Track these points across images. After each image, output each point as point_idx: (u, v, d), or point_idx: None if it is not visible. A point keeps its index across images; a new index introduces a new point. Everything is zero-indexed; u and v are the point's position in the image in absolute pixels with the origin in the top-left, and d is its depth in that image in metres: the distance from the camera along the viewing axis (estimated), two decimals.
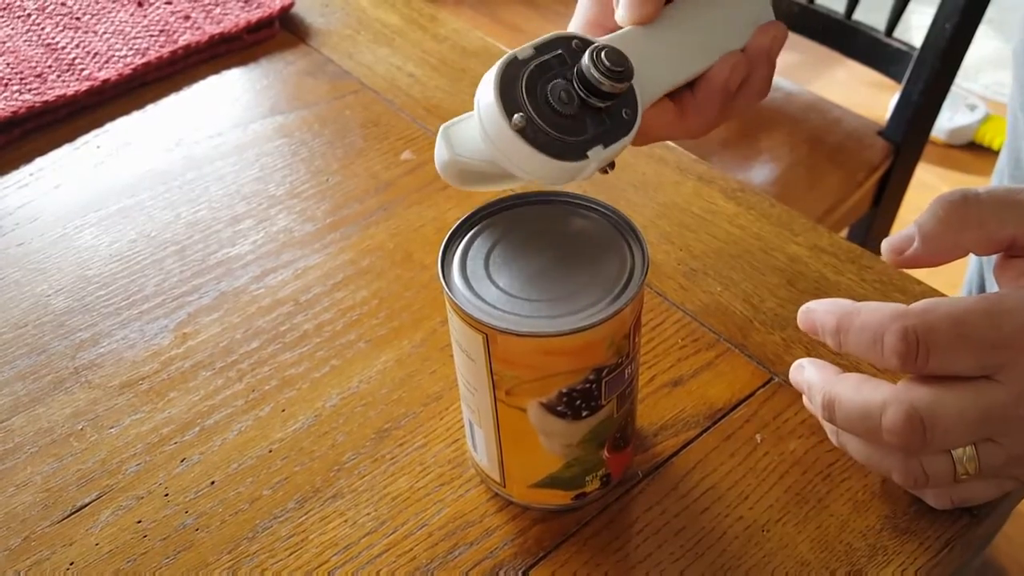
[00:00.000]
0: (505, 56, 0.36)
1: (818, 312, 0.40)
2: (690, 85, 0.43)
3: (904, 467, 0.39)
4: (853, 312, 0.39)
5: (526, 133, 0.35)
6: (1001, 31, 2.11)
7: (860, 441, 0.41)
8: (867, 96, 1.87)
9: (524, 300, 0.37)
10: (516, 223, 0.41)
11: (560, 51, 0.37)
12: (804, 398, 0.43)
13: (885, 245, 0.42)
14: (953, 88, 1.16)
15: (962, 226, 0.40)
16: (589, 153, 0.37)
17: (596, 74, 0.36)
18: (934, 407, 0.37)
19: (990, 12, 1.04)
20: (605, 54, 0.36)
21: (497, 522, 0.43)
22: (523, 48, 0.37)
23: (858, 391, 0.39)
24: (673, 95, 0.42)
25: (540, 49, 0.37)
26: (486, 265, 0.39)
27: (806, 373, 0.42)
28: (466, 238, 0.40)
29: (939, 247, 0.40)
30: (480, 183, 0.41)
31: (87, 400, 0.49)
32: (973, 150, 1.92)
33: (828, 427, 0.43)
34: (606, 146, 0.37)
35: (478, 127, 0.36)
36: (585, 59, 0.36)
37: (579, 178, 0.37)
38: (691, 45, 0.42)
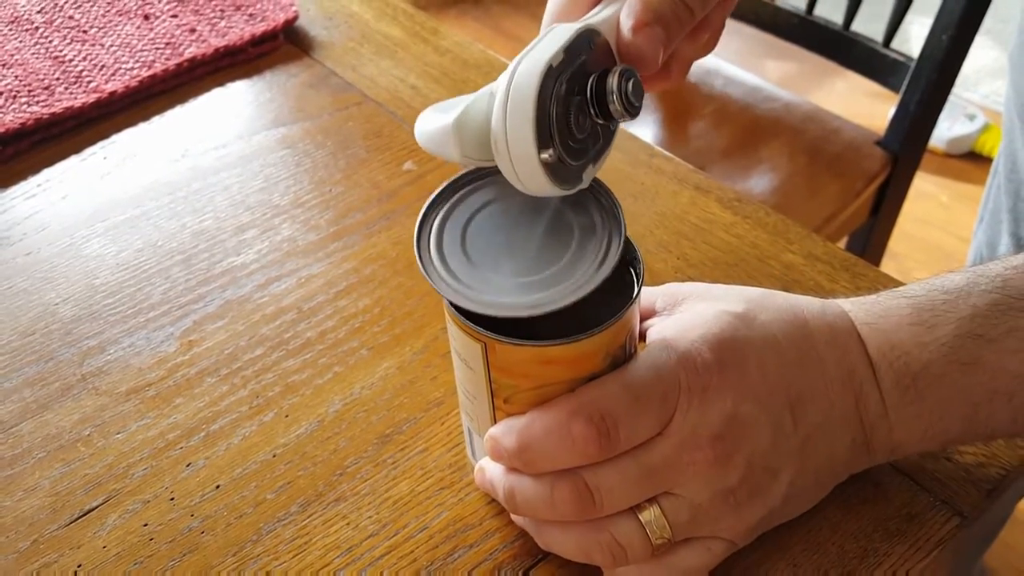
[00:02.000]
0: (542, 66, 0.34)
1: (494, 449, 0.39)
2: None
3: (597, 540, 0.38)
4: (526, 424, 0.38)
5: (550, 167, 0.35)
6: (999, 41, 2.12)
7: (555, 528, 0.40)
8: (866, 106, 1.88)
9: (523, 310, 0.38)
10: (516, 224, 0.41)
11: (584, 56, 0.36)
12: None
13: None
14: (952, 98, 1.17)
15: None
16: (583, 175, 0.37)
17: (618, 106, 0.35)
18: (599, 474, 0.37)
19: (989, 23, 1.05)
20: (632, 86, 0.35)
21: (497, 525, 0.44)
22: (555, 53, 0.34)
23: (528, 481, 0.39)
24: None
25: (569, 53, 0.35)
26: (486, 276, 0.40)
27: (487, 473, 0.41)
28: (462, 248, 0.41)
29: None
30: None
31: (94, 406, 0.50)
32: (972, 159, 1.93)
33: (530, 526, 0.42)
34: (595, 164, 0.38)
35: (501, 141, 0.35)
36: (612, 84, 0.35)
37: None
38: None
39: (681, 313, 0.41)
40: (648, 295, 0.44)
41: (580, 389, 0.38)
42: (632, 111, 0.36)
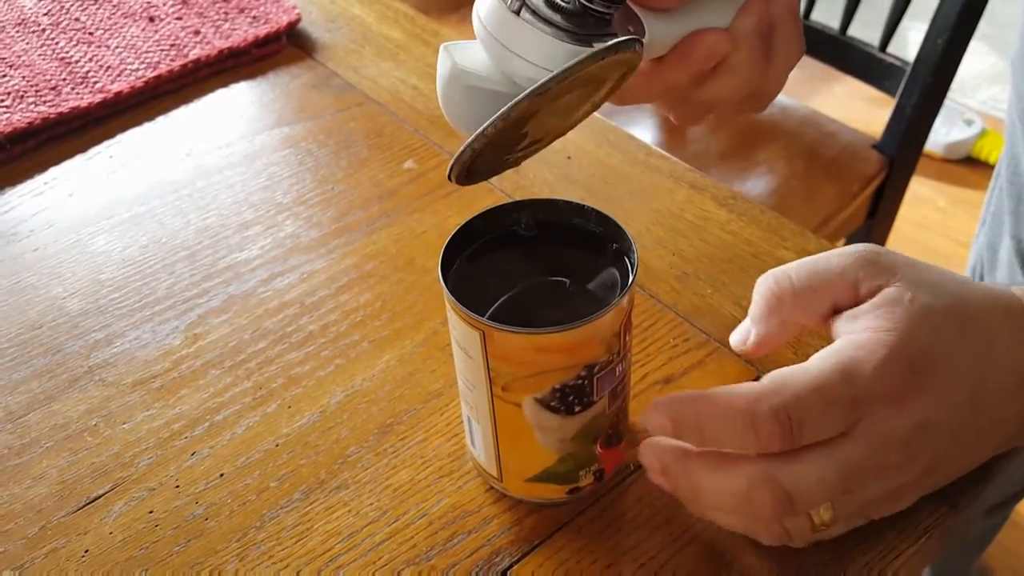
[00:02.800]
0: None
1: (671, 407, 0.39)
2: None
3: (768, 531, 0.40)
4: (707, 400, 0.38)
5: (524, 15, 0.35)
6: (996, 47, 2.13)
7: (721, 511, 0.41)
8: (864, 111, 1.89)
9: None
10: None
11: None
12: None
13: (734, 340, 0.44)
14: (950, 103, 1.18)
15: (780, 306, 0.42)
16: (595, 45, 0.35)
17: None
18: (797, 478, 0.37)
19: (986, 28, 1.06)
20: None
21: (494, 512, 0.45)
22: None
23: (716, 476, 0.39)
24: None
25: None
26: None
27: (666, 464, 0.40)
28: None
29: (771, 330, 0.43)
30: (483, 120, 0.36)
31: (101, 397, 0.51)
32: (970, 164, 1.95)
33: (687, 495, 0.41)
34: (604, 41, 0.35)
35: (478, 27, 0.36)
36: None
37: (578, 63, 0.34)
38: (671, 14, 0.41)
39: (879, 311, 0.40)
40: (845, 260, 0.42)
41: (769, 381, 0.38)
42: None
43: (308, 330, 0.54)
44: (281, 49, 0.78)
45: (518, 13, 0.35)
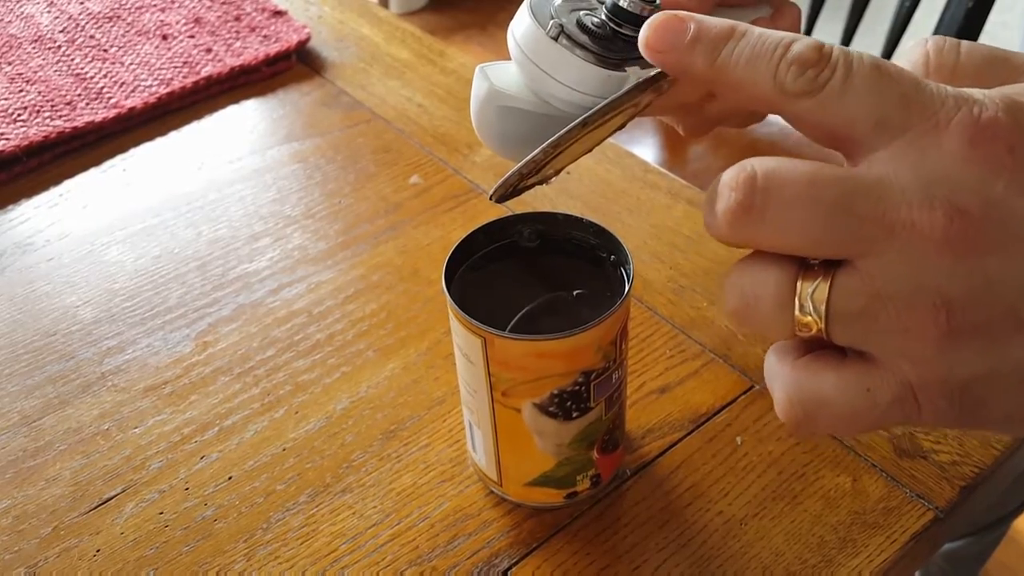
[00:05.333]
0: None
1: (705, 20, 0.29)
2: None
3: (736, 278, 0.28)
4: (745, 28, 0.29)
5: (562, 41, 0.35)
6: None
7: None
8: None
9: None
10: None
11: None
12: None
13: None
14: None
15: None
16: (627, 68, 0.36)
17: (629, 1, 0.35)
18: (773, 169, 0.27)
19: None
20: None
21: (494, 515, 0.46)
22: None
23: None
24: None
25: None
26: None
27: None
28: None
29: None
30: (517, 140, 0.38)
31: (113, 402, 0.53)
32: None
33: None
34: (643, 67, 0.36)
35: (514, 49, 0.36)
36: None
37: (620, 98, 0.34)
38: None
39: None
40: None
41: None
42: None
43: (315, 339, 0.56)
44: (291, 67, 0.80)
45: (556, 39, 0.36)
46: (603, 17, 0.36)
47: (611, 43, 0.37)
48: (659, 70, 0.36)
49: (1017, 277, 0.25)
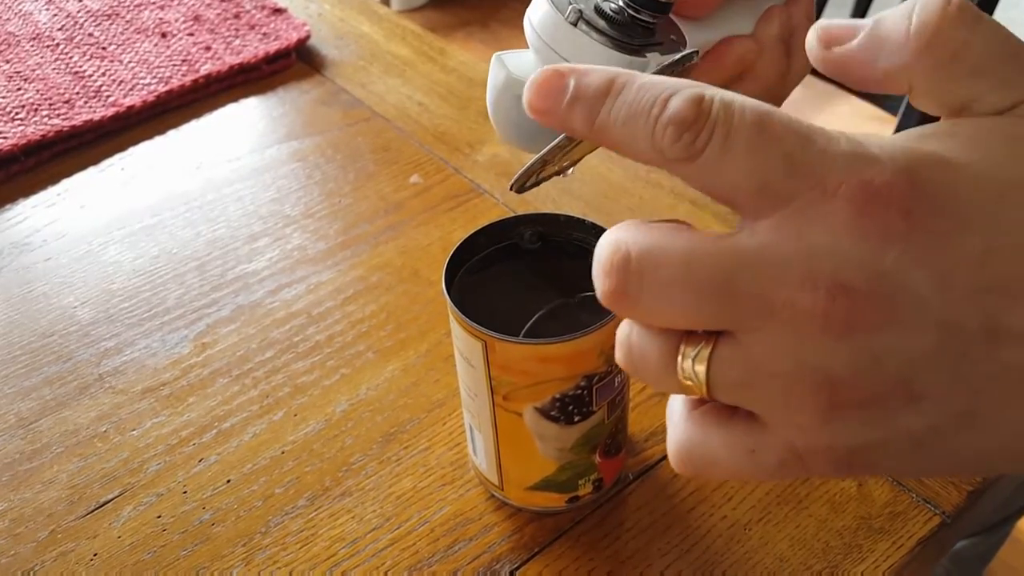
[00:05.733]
0: None
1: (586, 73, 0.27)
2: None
3: (623, 329, 0.28)
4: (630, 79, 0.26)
5: (581, 27, 0.35)
6: None
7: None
8: (869, 130, 1.90)
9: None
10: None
11: None
12: None
13: (815, 31, 0.29)
14: None
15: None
16: (647, 54, 0.36)
17: None
18: (646, 250, 0.25)
19: None
20: None
21: (495, 520, 0.46)
22: None
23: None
24: None
25: None
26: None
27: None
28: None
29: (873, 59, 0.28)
30: (534, 130, 0.36)
31: (111, 404, 0.52)
32: None
33: None
34: (663, 53, 0.36)
35: (531, 36, 0.36)
36: None
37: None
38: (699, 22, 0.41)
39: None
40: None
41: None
42: None
43: (314, 340, 0.55)
44: (290, 65, 0.80)
45: (575, 24, 0.35)
46: (621, 3, 0.36)
47: (630, 29, 0.36)
48: (680, 55, 0.36)
49: (908, 350, 0.23)
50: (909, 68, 0.27)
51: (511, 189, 0.37)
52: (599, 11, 0.36)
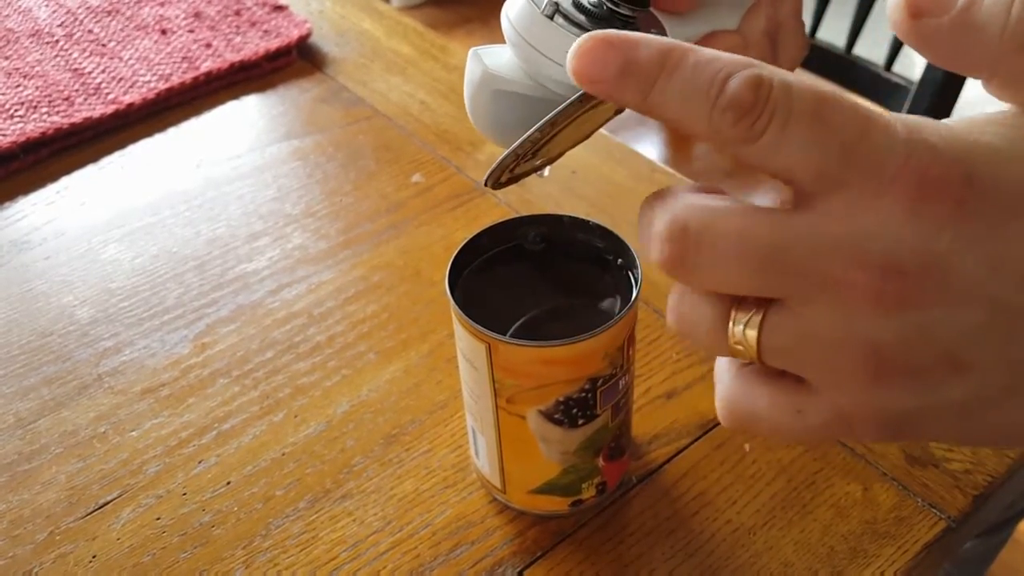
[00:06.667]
0: None
1: (635, 45, 0.26)
2: None
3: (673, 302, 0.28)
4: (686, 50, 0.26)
5: (558, 20, 0.34)
6: None
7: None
8: None
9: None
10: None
11: None
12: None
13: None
14: None
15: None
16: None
17: None
18: (706, 217, 0.26)
19: None
20: None
21: (497, 523, 0.45)
22: None
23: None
24: None
25: None
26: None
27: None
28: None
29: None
30: (513, 126, 0.36)
31: (110, 405, 0.52)
32: None
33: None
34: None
35: (508, 30, 0.35)
36: None
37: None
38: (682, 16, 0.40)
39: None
40: None
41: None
42: None
43: (315, 340, 0.55)
44: (291, 63, 0.79)
45: (551, 18, 0.35)
46: None
47: (608, 23, 0.36)
48: None
49: (957, 324, 0.25)
50: (999, 61, 0.27)
51: (486, 184, 0.36)
52: (577, 4, 0.35)
